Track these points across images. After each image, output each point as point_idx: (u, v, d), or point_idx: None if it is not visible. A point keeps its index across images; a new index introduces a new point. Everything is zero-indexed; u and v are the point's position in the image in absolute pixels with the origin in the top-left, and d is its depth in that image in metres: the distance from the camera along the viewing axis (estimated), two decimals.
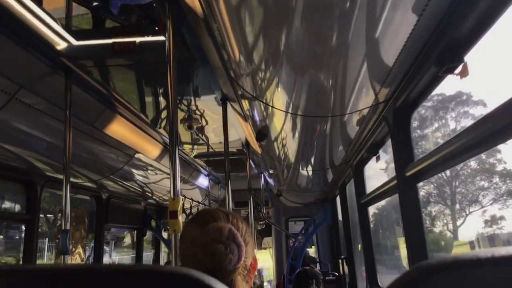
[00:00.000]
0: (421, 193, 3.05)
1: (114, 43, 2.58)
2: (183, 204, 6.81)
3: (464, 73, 1.55)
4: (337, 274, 6.28)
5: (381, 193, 3.17)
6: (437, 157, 1.93)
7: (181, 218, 2.15)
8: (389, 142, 2.75)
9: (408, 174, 2.25)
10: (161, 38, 2.57)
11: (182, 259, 1.19)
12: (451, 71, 1.63)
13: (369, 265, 3.86)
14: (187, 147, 5.65)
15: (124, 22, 2.66)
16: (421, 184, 2.32)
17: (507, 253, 0.28)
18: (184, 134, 4.79)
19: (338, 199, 6.03)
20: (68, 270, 0.32)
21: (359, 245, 4.91)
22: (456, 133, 1.78)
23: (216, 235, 1.12)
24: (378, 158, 3.32)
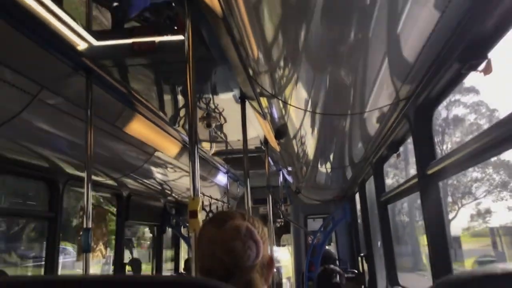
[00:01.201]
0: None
1: (133, 43, 2.60)
2: (202, 202, 6.87)
3: (488, 70, 1.51)
4: (356, 271, 6.25)
5: (401, 191, 3.14)
6: (459, 155, 1.89)
7: (201, 216, 2.16)
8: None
9: (429, 172, 2.22)
10: (180, 37, 2.58)
11: (201, 259, 1.20)
12: (474, 68, 1.60)
13: (389, 263, 3.83)
14: (205, 145, 5.68)
15: (144, 22, 2.68)
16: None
17: None
18: (203, 132, 4.81)
19: (357, 196, 5.99)
20: (86, 281, 0.32)
21: (379, 243, 4.87)
22: (478, 131, 1.75)
23: (234, 233, 1.13)
24: (398, 156, 3.28)
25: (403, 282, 3.81)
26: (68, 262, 8.86)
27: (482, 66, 1.55)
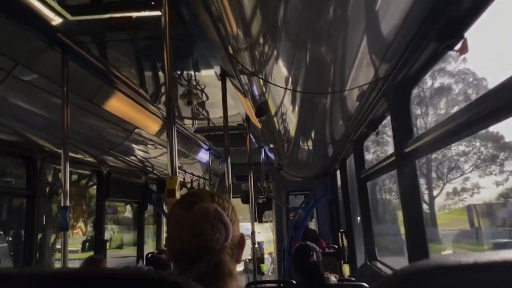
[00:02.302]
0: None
1: (110, 18, 2.53)
2: (184, 178, 6.87)
3: (463, 50, 1.52)
4: (336, 246, 6.36)
5: (380, 169, 3.18)
6: (436, 133, 1.92)
7: (181, 193, 2.15)
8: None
9: (407, 150, 2.24)
10: (158, 13, 2.52)
11: (170, 241, 1.20)
12: (450, 47, 1.60)
13: (368, 238, 3.90)
14: (188, 122, 5.64)
15: None
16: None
17: (489, 260, 0.28)
18: (185, 109, 4.76)
19: (338, 173, 6.05)
20: (32, 275, 0.32)
21: (358, 219, 4.96)
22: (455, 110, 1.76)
23: (202, 216, 1.12)
24: (378, 134, 3.31)
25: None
26: None
27: (458, 45, 1.56)
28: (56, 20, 2.61)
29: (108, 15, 2.54)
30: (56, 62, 2.82)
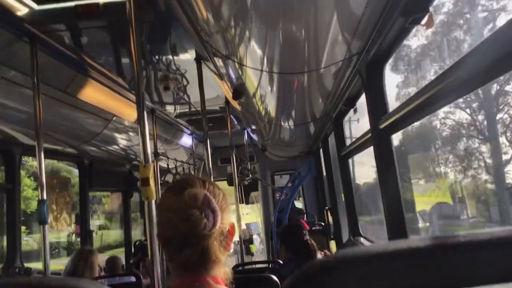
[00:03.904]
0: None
1: (76, 6, 2.47)
2: (168, 164, 6.84)
3: (429, 24, 1.52)
4: (323, 224, 6.43)
5: (358, 146, 3.20)
6: (409, 108, 1.93)
7: (168, 178, 2.14)
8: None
9: (381, 126, 2.26)
10: None
11: (160, 227, 1.21)
12: (417, 22, 1.60)
13: (351, 214, 3.95)
14: (169, 108, 5.59)
15: None
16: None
17: (396, 247, 0.27)
18: (166, 94, 4.71)
19: (321, 151, 6.08)
20: None
21: (343, 195, 5.01)
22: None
23: (191, 200, 1.13)
24: (355, 111, 3.33)
25: None
26: None
27: (424, 19, 1.56)
28: (23, 10, 2.54)
29: (74, 3, 2.47)
30: (25, 53, 2.75)
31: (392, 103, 2.36)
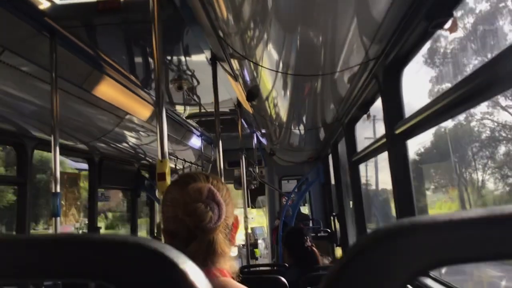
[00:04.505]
0: None
1: (98, 1, 2.50)
2: (176, 165, 6.86)
3: (453, 28, 1.52)
4: (329, 230, 6.41)
5: (371, 151, 3.19)
6: (426, 114, 1.92)
7: (171, 179, 2.15)
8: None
9: (397, 131, 2.26)
10: None
11: (165, 221, 1.22)
12: (440, 26, 1.60)
13: (360, 222, 3.93)
14: (179, 108, 5.61)
15: None
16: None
17: (464, 216, 0.28)
18: (176, 95, 4.74)
19: (330, 157, 6.07)
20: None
21: (351, 202, 4.99)
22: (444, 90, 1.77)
23: (196, 194, 1.14)
24: (368, 116, 3.32)
25: None
26: None
27: (448, 24, 1.56)
28: (44, 4, 2.57)
29: None
30: (44, 47, 2.78)
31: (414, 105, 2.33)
